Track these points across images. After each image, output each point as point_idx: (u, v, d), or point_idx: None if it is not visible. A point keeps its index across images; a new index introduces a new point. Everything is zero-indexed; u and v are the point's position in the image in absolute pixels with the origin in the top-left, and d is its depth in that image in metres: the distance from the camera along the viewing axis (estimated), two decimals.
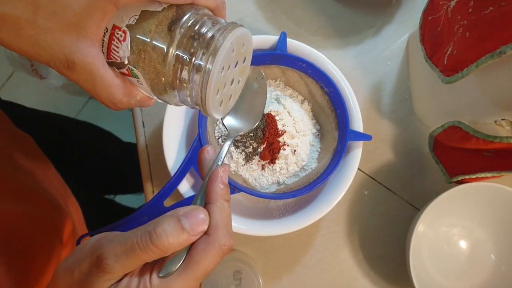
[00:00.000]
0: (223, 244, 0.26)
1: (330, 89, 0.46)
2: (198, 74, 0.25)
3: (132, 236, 0.24)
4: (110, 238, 0.25)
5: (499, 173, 0.42)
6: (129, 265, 0.24)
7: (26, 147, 0.52)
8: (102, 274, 0.24)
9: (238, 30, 0.26)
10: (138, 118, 0.55)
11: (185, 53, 0.25)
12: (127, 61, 0.26)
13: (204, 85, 0.25)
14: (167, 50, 0.25)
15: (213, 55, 0.24)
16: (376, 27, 0.57)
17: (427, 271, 0.50)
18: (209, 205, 0.27)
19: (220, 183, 0.28)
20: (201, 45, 0.25)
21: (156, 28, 0.25)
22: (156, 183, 0.53)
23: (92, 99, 1.47)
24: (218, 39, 0.25)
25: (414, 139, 0.54)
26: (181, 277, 0.25)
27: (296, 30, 0.57)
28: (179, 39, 0.25)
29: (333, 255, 0.53)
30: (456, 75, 0.39)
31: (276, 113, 0.46)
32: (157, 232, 0.24)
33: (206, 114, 0.27)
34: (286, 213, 0.47)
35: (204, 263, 0.25)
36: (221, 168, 0.29)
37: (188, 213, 0.25)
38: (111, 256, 0.24)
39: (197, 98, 0.26)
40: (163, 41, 0.25)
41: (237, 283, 0.47)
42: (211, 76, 0.25)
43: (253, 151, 0.46)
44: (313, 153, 0.48)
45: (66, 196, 0.55)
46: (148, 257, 0.24)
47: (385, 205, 0.53)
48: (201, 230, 0.25)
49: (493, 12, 0.34)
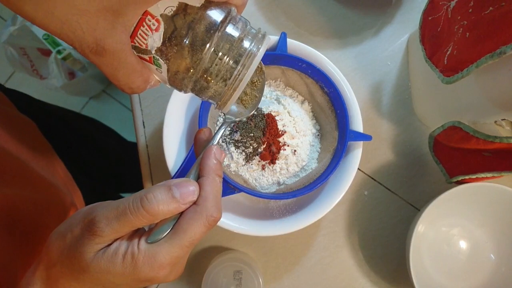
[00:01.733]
0: (210, 214, 0.26)
1: (330, 90, 0.46)
2: (228, 78, 0.26)
3: (124, 201, 0.25)
4: (103, 204, 0.26)
5: (499, 173, 0.42)
6: (120, 229, 0.25)
7: (29, 132, 0.52)
8: (93, 237, 0.25)
9: (267, 40, 0.27)
10: (139, 118, 0.55)
11: (220, 55, 0.25)
12: (155, 50, 0.25)
13: (234, 88, 0.26)
14: (203, 50, 0.25)
15: (247, 65, 0.25)
16: (376, 27, 0.57)
17: (427, 271, 0.50)
18: (201, 178, 0.28)
19: (213, 159, 0.29)
20: (237, 50, 0.25)
21: (193, 25, 0.25)
22: (156, 183, 0.53)
23: (92, 99, 1.47)
24: (252, 48, 0.26)
25: (414, 139, 0.54)
26: (168, 244, 0.26)
27: (296, 30, 0.57)
28: (216, 41, 0.25)
29: (333, 255, 0.53)
30: (456, 75, 0.39)
31: (276, 113, 0.46)
32: (148, 198, 0.25)
33: (219, 109, 0.28)
34: (286, 213, 0.47)
35: (191, 231, 0.26)
36: (215, 147, 0.30)
37: (179, 183, 0.27)
38: (102, 220, 0.25)
39: (219, 96, 0.27)
40: (200, 40, 0.25)
41: (237, 283, 0.47)
42: (242, 82, 0.26)
43: (253, 151, 0.46)
44: (313, 153, 0.48)
45: (68, 183, 0.55)
46: (139, 221, 0.25)
47: (385, 205, 0.53)
48: (191, 200, 0.27)
49: (493, 12, 0.34)
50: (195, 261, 0.52)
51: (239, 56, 0.26)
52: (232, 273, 0.47)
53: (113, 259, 0.25)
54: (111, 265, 0.25)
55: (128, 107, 1.48)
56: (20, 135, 0.48)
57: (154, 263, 0.25)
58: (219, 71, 0.26)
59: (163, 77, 0.27)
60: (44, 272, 0.27)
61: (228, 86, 0.26)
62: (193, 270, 0.52)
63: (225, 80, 0.26)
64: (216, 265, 0.47)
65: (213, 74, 0.26)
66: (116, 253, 0.25)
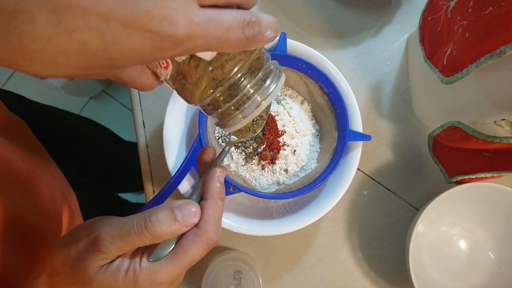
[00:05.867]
0: (210, 238, 0.27)
1: (330, 90, 0.46)
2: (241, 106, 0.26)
3: (129, 221, 0.26)
4: (108, 221, 0.27)
5: (499, 173, 0.42)
6: (123, 248, 0.26)
7: (20, 133, 0.52)
8: (97, 253, 0.26)
9: (283, 77, 0.27)
10: (139, 118, 0.55)
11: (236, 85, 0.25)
12: (163, 78, 0.25)
13: (245, 116, 0.26)
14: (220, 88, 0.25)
15: (261, 104, 0.26)
16: (376, 27, 0.57)
17: (426, 271, 0.50)
18: (204, 201, 0.29)
19: (216, 182, 0.29)
20: (256, 85, 0.25)
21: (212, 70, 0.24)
22: (156, 183, 0.53)
23: (92, 99, 1.47)
24: (270, 85, 0.26)
25: (413, 139, 0.55)
26: (168, 263, 0.27)
27: (296, 30, 0.57)
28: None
29: (333, 255, 0.53)
30: (455, 75, 0.40)
31: (276, 113, 0.46)
32: (151, 220, 0.26)
33: (224, 129, 0.28)
34: (286, 213, 0.47)
35: (191, 253, 0.27)
36: (219, 168, 0.30)
37: (182, 205, 0.27)
38: (107, 238, 0.26)
39: (227, 118, 0.27)
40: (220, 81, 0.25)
41: (237, 282, 0.47)
42: (252, 114, 0.26)
43: (253, 151, 0.46)
44: (313, 153, 0.48)
45: (62, 184, 0.55)
46: (141, 242, 0.26)
47: (384, 205, 0.54)
48: (192, 222, 0.27)
49: (492, 12, 0.35)
50: None
51: (254, 96, 0.26)
52: (232, 273, 0.47)
53: (115, 275, 0.26)
54: (113, 281, 0.26)
55: (128, 107, 1.48)
56: (11, 136, 0.47)
57: (154, 280, 0.26)
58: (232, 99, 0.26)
59: (170, 84, 0.27)
60: (47, 280, 0.28)
61: (239, 112, 0.26)
62: (193, 270, 0.52)
63: (237, 109, 0.26)
64: (216, 264, 0.47)
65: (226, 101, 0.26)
66: (118, 269, 0.26)
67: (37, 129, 0.55)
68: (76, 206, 0.57)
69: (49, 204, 0.47)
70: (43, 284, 0.28)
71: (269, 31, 0.22)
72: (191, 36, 0.20)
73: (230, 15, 0.21)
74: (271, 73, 0.26)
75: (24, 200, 0.43)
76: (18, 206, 0.41)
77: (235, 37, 0.21)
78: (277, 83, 0.26)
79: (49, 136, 0.59)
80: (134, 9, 0.18)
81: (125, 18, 0.18)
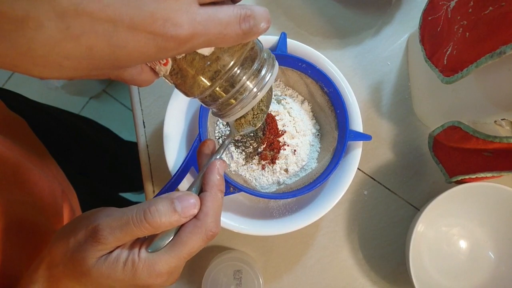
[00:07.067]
0: (209, 230, 0.27)
1: (330, 89, 0.46)
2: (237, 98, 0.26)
3: (128, 212, 0.26)
4: (107, 212, 0.27)
5: (499, 173, 0.42)
6: (122, 238, 0.26)
7: (20, 131, 0.52)
8: (96, 244, 0.26)
9: (277, 65, 0.28)
10: (139, 118, 0.55)
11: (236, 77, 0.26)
12: (162, 75, 0.26)
13: (243, 106, 0.26)
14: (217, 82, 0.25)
15: (257, 94, 0.26)
16: (376, 27, 0.57)
17: (427, 271, 0.50)
18: (204, 193, 0.29)
19: (216, 174, 0.29)
20: (253, 77, 0.26)
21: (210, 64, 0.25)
22: (156, 183, 0.53)
23: (92, 99, 1.47)
24: (266, 74, 0.26)
25: (413, 139, 0.55)
26: (167, 254, 0.27)
27: (296, 30, 0.57)
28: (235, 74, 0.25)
29: (333, 255, 0.53)
30: (455, 75, 0.40)
31: (276, 113, 0.46)
32: (151, 210, 0.26)
33: (222, 119, 0.28)
34: (286, 213, 0.47)
35: (189, 244, 0.27)
36: (219, 161, 0.30)
37: (181, 197, 0.27)
38: (106, 228, 0.26)
39: (226, 108, 0.27)
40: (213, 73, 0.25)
41: (237, 282, 0.47)
42: (250, 104, 0.26)
43: (253, 151, 0.46)
44: (313, 153, 0.48)
45: (62, 182, 0.55)
46: (141, 232, 0.26)
47: (384, 205, 0.54)
48: (191, 213, 0.27)
49: (493, 12, 0.35)
50: (195, 260, 0.52)
51: (252, 87, 0.26)
52: (232, 273, 0.47)
53: (114, 266, 0.26)
54: (112, 271, 0.26)
55: (128, 107, 1.48)
56: (11, 134, 0.47)
57: (152, 271, 0.26)
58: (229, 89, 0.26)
59: (168, 78, 0.27)
60: (47, 271, 0.28)
61: (238, 102, 0.26)
62: (193, 270, 0.52)
63: (235, 99, 0.26)
64: (216, 264, 0.47)
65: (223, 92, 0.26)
66: (117, 260, 0.26)
67: (37, 128, 0.56)
68: (76, 204, 0.57)
69: (49, 202, 0.47)
70: (42, 276, 0.28)
71: (263, 22, 0.23)
72: (194, 35, 0.20)
73: (228, 11, 0.21)
74: (265, 62, 0.27)
75: (24, 197, 0.43)
76: (18, 204, 0.41)
77: (233, 32, 0.22)
78: (272, 71, 0.27)
79: (49, 135, 0.59)
80: (139, 12, 0.19)
81: (131, 21, 0.19)
